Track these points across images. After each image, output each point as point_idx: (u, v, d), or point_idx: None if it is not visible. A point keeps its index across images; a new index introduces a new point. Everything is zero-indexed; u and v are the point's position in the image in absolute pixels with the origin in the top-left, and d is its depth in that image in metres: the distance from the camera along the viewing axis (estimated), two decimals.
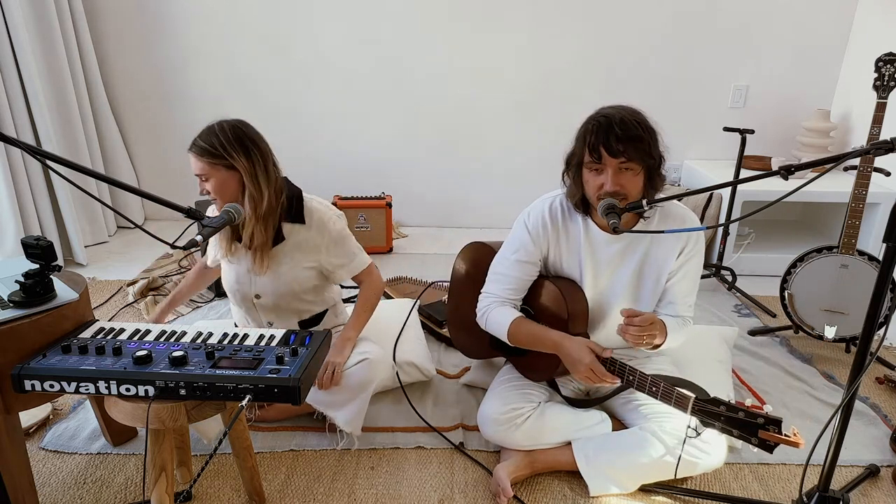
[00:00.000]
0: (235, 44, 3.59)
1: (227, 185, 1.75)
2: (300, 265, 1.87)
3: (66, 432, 1.97)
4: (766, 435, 1.38)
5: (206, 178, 1.73)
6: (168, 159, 3.84)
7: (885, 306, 2.00)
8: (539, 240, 1.78)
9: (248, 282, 1.89)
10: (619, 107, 1.61)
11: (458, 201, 3.95)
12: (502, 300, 1.81)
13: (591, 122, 1.60)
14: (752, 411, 1.41)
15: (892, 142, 1.22)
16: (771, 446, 1.39)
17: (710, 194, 3.27)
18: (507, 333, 1.75)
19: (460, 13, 3.53)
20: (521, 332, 1.75)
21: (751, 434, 1.41)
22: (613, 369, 1.63)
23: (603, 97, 1.75)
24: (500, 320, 1.77)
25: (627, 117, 1.56)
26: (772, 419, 1.39)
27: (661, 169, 1.63)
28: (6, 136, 1.23)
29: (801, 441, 1.36)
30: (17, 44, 2.90)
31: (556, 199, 1.79)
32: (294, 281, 1.89)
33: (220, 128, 1.73)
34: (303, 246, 1.86)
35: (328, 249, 1.88)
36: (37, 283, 1.46)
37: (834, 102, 3.64)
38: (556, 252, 1.79)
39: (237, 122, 1.76)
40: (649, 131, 1.58)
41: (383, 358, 1.97)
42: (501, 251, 1.86)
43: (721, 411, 1.46)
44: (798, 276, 2.45)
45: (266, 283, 1.88)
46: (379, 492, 1.76)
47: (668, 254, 1.73)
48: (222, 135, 1.72)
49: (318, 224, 1.86)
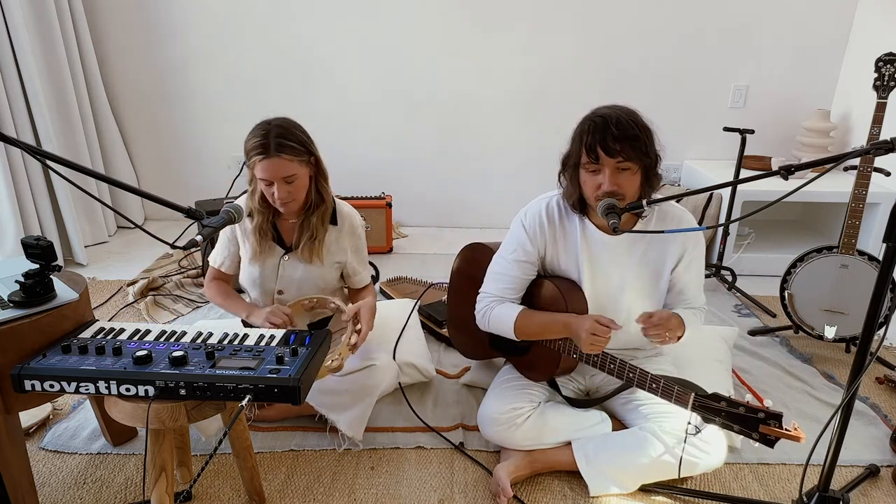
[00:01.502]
0: (235, 44, 3.59)
1: (305, 180, 1.79)
2: (330, 263, 1.91)
3: (66, 432, 1.97)
4: (767, 429, 1.39)
5: (293, 179, 1.73)
6: (168, 159, 3.85)
7: (885, 306, 2.00)
8: (536, 239, 1.78)
9: (273, 277, 1.91)
10: (614, 106, 1.61)
11: (458, 201, 3.95)
12: (500, 299, 1.81)
13: (587, 122, 1.60)
14: (753, 406, 1.41)
15: (892, 142, 1.22)
16: (772, 441, 1.40)
17: (710, 194, 3.27)
18: (514, 327, 1.74)
19: (460, 13, 3.53)
20: (529, 323, 1.74)
21: (752, 429, 1.41)
22: (613, 368, 1.63)
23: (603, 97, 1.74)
24: (503, 317, 1.77)
25: (623, 117, 1.56)
26: (772, 414, 1.39)
27: (658, 168, 1.63)
28: (6, 136, 1.23)
29: (802, 435, 1.36)
30: (17, 44, 2.90)
31: (552, 199, 1.79)
32: (321, 278, 1.92)
33: (289, 124, 1.76)
34: (332, 246, 1.90)
35: (354, 253, 1.93)
36: (37, 283, 1.46)
37: (834, 102, 3.64)
38: (553, 252, 1.79)
39: (287, 118, 1.79)
40: (645, 130, 1.58)
41: (390, 365, 1.97)
42: (499, 251, 1.86)
43: (722, 407, 1.46)
44: (798, 276, 2.45)
45: (292, 279, 1.89)
46: (379, 492, 1.76)
47: (666, 254, 1.73)
48: (299, 132, 1.76)
49: (350, 227, 1.92)
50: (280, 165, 1.70)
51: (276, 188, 1.73)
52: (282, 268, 1.89)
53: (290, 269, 1.89)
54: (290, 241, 1.90)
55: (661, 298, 1.78)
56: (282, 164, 1.70)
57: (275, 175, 1.71)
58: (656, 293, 1.77)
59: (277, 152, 1.69)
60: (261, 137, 1.71)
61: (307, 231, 1.85)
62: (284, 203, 1.77)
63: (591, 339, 1.59)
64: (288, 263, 1.89)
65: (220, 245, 1.96)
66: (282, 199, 1.74)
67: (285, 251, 1.89)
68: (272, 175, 1.71)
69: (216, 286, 1.98)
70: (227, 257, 1.95)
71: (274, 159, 1.70)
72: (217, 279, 2.00)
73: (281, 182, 1.72)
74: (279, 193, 1.73)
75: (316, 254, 1.86)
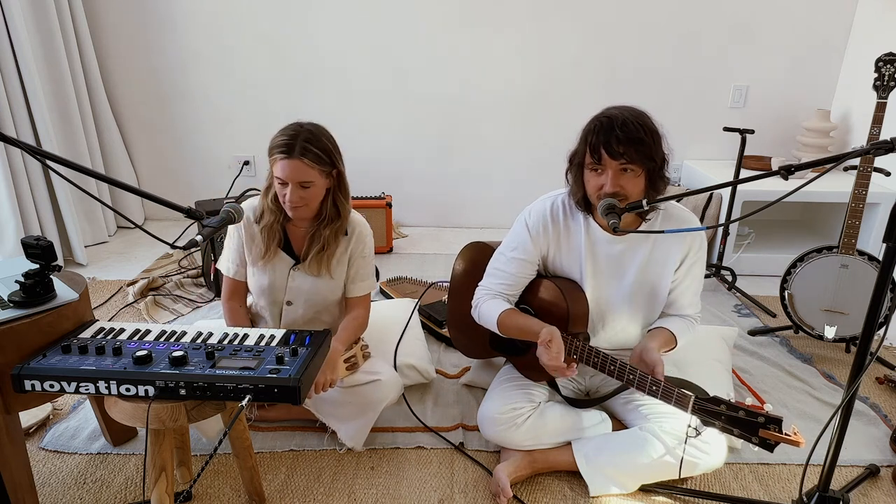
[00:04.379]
0: (235, 45, 3.59)
1: (322, 190, 1.76)
2: (339, 275, 1.89)
3: (66, 432, 1.97)
4: (767, 434, 1.38)
5: (308, 185, 1.71)
6: (168, 159, 3.85)
7: (885, 306, 2.00)
8: (539, 240, 1.78)
9: (282, 287, 1.88)
10: (624, 107, 1.60)
11: (457, 201, 3.95)
12: (495, 294, 1.82)
13: (594, 122, 1.60)
14: (753, 410, 1.41)
15: (892, 142, 1.22)
16: (771, 445, 1.39)
17: (710, 194, 3.28)
18: (497, 323, 1.76)
19: (460, 13, 3.53)
20: (509, 323, 1.75)
21: (751, 433, 1.41)
22: (613, 369, 1.63)
23: (602, 97, 1.75)
24: (490, 312, 1.78)
25: (630, 119, 1.55)
26: (772, 418, 1.39)
27: (664, 171, 1.61)
28: (6, 136, 1.23)
29: (802, 440, 1.36)
30: (17, 44, 2.90)
31: (557, 199, 1.79)
32: (330, 291, 1.90)
33: (320, 132, 1.74)
34: (342, 258, 1.87)
35: (358, 261, 1.90)
36: (37, 283, 1.46)
37: (834, 102, 3.64)
38: (556, 251, 1.79)
39: (320, 125, 1.76)
40: (652, 134, 1.57)
41: (394, 379, 1.94)
42: (501, 247, 1.87)
43: (721, 410, 1.46)
44: (798, 276, 2.45)
45: (301, 290, 1.87)
46: (379, 492, 1.76)
47: (669, 258, 1.72)
48: (327, 141, 1.74)
49: (359, 236, 1.89)
50: (299, 169, 1.68)
51: (290, 190, 1.70)
52: (291, 279, 1.86)
53: (300, 281, 1.86)
54: (299, 249, 1.87)
55: (661, 302, 1.78)
56: (301, 168, 1.68)
57: (292, 177, 1.69)
58: (658, 297, 1.76)
59: (300, 155, 1.67)
60: (289, 137, 1.69)
61: (317, 243, 1.81)
62: (294, 207, 1.74)
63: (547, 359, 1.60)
64: (297, 275, 1.86)
65: (230, 252, 1.90)
66: (292, 202, 1.71)
67: (295, 262, 1.86)
68: (289, 176, 1.69)
69: (232, 312, 1.90)
70: (240, 265, 1.90)
71: (295, 161, 1.67)
72: (232, 300, 1.92)
73: (296, 185, 1.70)
74: (291, 196, 1.70)
75: (325, 267, 1.83)
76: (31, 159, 3.04)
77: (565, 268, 1.79)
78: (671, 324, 1.76)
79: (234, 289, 1.92)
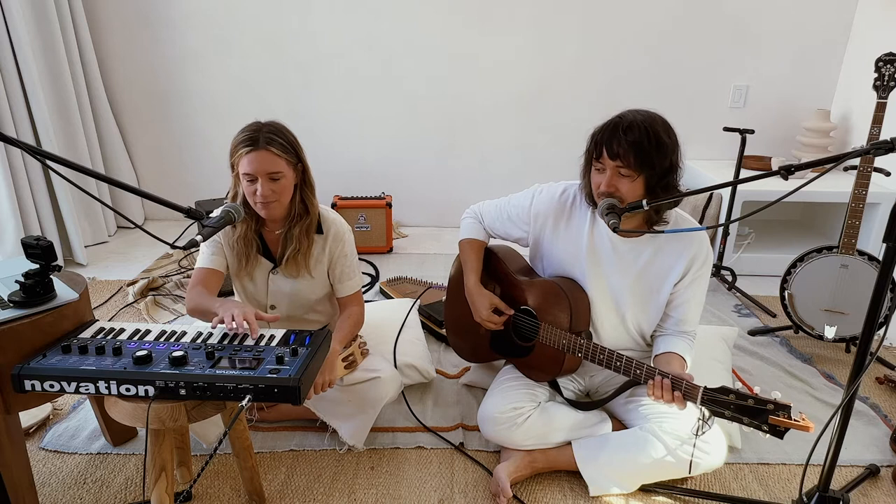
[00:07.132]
0: (235, 44, 3.59)
1: (290, 185, 1.73)
2: (319, 274, 1.87)
3: (66, 432, 1.97)
4: (777, 420, 1.38)
5: (278, 177, 1.68)
6: (168, 159, 3.85)
7: (885, 306, 2.00)
8: (537, 220, 1.82)
9: (263, 291, 1.87)
10: (641, 111, 1.58)
11: (458, 201, 3.93)
12: (479, 220, 1.98)
13: (607, 120, 1.60)
14: (762, 398, 1.41)
15: (892, 142, 1.22)
16: (781, 432, 1.39)
17: (710, 194, 3.27)
18: (459, 243, 1.99)
19: (460, 14, 3.53)
20: (466, 252, 1.96)
21: (761, 421, 1.41)
22: (619, 365, 1.63)
23: (602, 97, 1.75)
24: (464, 230, 1.99)
25: (639, 123, 1.53)
26: (781, 405, 1.39)
27: (668, 181, 1.58)
28: (6, 136, 1.23)
29: (811, 424, 1.36)
30: (17, 44, 2.90)
31: (571, 188, 1.82)
32: (311, 291, 1.89)
33: (281, 126, 1.72)
34: (320, 256, 1.86)
35: (339, 261, 1.88)
36: (37, 283, 1.46)
37: (834, 102, 3.64)
38: (552, 237, 1.80)
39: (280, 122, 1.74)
40: (657, 141, 1.53)
41: (394, 376, 1.94)
42: (510, 197, 1.94)
43: (731, 400, 1.45)
44: (798, 276, 2.45)
45: (283, 292, 1.87)
46: (379, 492, 1.76)
47: (671, 267, 1.71)
48: (289, 134, 1.72)
49: (336, 235, 1.86)
50: (267, 159, 1.65)
51: (260, 184, 1.66)
52: (271, 282, 1.85)
53: (280, 284, 1.85)
54: (276, 252, 1.85)
55: (659, 310, 1.77)
56: (269, 158, 1.65)
57: (261, 169, 1.65)
58: (655, 304, 1.76)
59: (266, 145, 1.64)
60: (251, 132, 1.67)
61: (290, 244, 1.79)
62: (267, 203, 1.69)
63: (484, 321, 1.84)
64: (276, 279, 1.85)
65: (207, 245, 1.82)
66: (264, 196, 1.67)
67: (274, 265, 1.85)
68: (257, 169, 1.65)
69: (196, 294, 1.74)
70: (215, 253, 1.80)
71: (262, 151, 1.64)
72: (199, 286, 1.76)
73: (266, 178, 1.66)
74: (262, 190, 1.66)
75: (303, 267, 1.81)
76: (31, 159, 3.04)
77: (560, 254, 1.79)
78: (676, 347, 1.73)
79: (205, 276, 1.79)
